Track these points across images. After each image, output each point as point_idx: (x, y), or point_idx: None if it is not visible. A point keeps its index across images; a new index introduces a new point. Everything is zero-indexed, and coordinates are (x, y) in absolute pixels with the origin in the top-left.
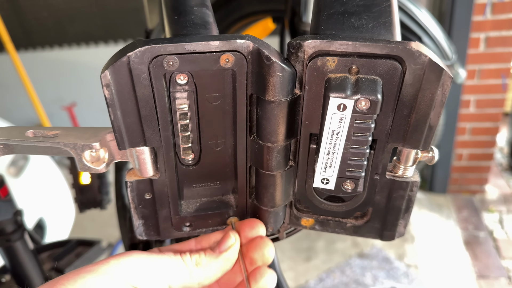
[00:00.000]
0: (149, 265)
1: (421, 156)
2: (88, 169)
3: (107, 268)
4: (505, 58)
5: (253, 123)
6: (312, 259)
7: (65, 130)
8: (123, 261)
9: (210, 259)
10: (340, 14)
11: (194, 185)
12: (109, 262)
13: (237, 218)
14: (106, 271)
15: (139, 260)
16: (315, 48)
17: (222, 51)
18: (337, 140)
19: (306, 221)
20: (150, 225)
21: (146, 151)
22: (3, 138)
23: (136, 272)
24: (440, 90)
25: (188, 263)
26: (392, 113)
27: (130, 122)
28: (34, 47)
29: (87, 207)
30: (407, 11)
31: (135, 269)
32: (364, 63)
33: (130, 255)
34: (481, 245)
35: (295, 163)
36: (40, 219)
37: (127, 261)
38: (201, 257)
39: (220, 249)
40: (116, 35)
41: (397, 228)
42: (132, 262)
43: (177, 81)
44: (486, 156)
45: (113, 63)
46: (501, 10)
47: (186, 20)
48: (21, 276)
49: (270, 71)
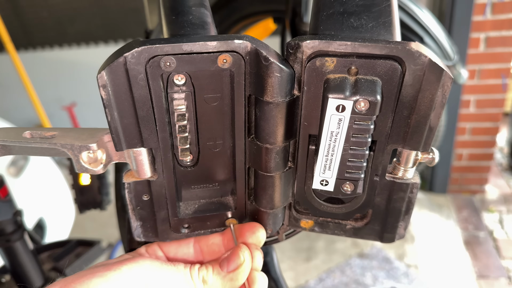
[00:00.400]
0: (159, 277)
1: (421, 157)
2: (85, 170)
3: (120, 276)
4: (505, 58)
5: (251, 124)
6: (312, 259)
7: (63, 131)
8: (136, 270)
9: (217, 278)
10: (340, 14)
11: (192, 187)
12: (121, 270)
13: (235, 220)
14: (119, 279)
15: (151, 270)
16: (314, 49)
17: (219, 52)
18: (336, 142)
19: (305, 222)
20: (148, 226)
21: (144, 152)
22: (0, 139)
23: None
24: (441, 91)
25: (195, 279)
26: (391, 114)
27: (127, 123)
28: (34, 47)
29: (87, 208)
30: (409, 11)
31: (147, 280)
32: (363, 64)
33: (143, 263)
34: (481, 245)
35: (294, 165)
36: (40, 219)
37: (139, 271)
38: (208, 274)
39: (228, 268)
40: (116, 35)
41: (397, 230)
42: (144, 272)
43: (174, 82)
44: (486, 156)
45: (110, 64)
46: (501, 10)
47: (184, 20)
48: (21, 276)
49: (268, 72)
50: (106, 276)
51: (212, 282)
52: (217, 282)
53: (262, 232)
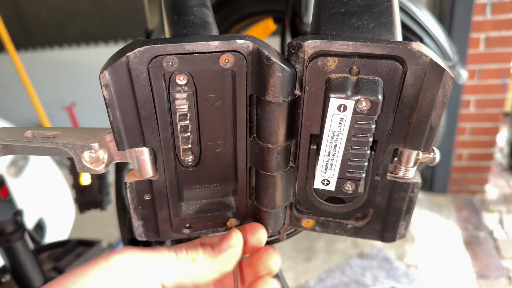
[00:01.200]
0: (139, 262)
1: (422, 157)
2: (87, 170)
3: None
4: (505, 58)
5: (253, 123)
6: (312, 259)
7: (64, 130)
8: (115, 261)
9: (208, 257)
10: (341, 14)
11: (194, 187)
12: (100, 264)
13: (237, 221)
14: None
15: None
16: (316, 49)
17: (221, 51)
18: (337, 141)
19: (306, 222)
20: (149, 226)
21: (146, 152)
22: (2, 138)
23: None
24: (441, 90)
25: (182, 260)
26: (393, 113)
27: (129, 122)
28: (34, 47)
29: (87, 207)
30: (409, 11)
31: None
32: (365, 64)
33: (120, 253)
34: (481, 245)
35: (296, 164)
36: (40, 219)
37: (119, 262)
38: (198, 253)
39: (220, 248)
40: (116, 35)
41: (398, 230)
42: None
43: (176, 82)
44: (486, 156)
45: (112, 63)
46: (501, 10)
47: (185, 20)
48: (21, 276)
49: (270, 72)
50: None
51: (201, 261)
52: (207, 261)
53: (263, 232)
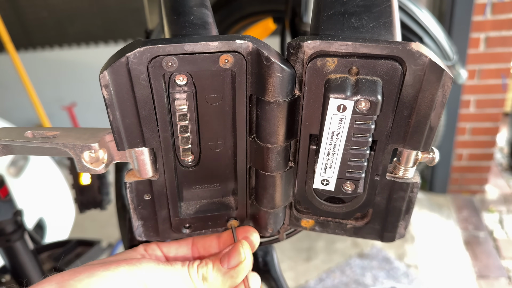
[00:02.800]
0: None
1: (421, 157)
2: (87, 170)
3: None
4: (505, 58)
5: (252, 124)
6: (312, 259)
7: (64, 130)
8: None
9: (217, 275)
10: (340, 14)
11: (193, 187)
12: (120, 270)
13: (237, 221)
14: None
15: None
16: (315, 49)
17: (221, 52)
18: (337, 141)
19: (306, 222)
20: (149, 226)
21: (145, 152)
22: (2, 138)
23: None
24: (441, 91)
25: (194, 278)
26: (392, 114)
27: (129, 122)
28: (34, 47)
29: (87, 207)
30: (408, 11)
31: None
32: (364, 64)
33: (141, 264)
34: (481, 245)
35: (295, 164)
36: (40, 219)
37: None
38: (208, 271)
39: (229, 265)
40: (116, 35)
41: (398, 230)
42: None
43: (176, 82)
44: (486, 156)
45: (112, 64)
46: (501, 10)
47: (185, 21)
48: (21, 276)
49: (270, 72)
50: (104, 275)
51: (212, 279)
52: (217, 279)
53: (256, 236)
